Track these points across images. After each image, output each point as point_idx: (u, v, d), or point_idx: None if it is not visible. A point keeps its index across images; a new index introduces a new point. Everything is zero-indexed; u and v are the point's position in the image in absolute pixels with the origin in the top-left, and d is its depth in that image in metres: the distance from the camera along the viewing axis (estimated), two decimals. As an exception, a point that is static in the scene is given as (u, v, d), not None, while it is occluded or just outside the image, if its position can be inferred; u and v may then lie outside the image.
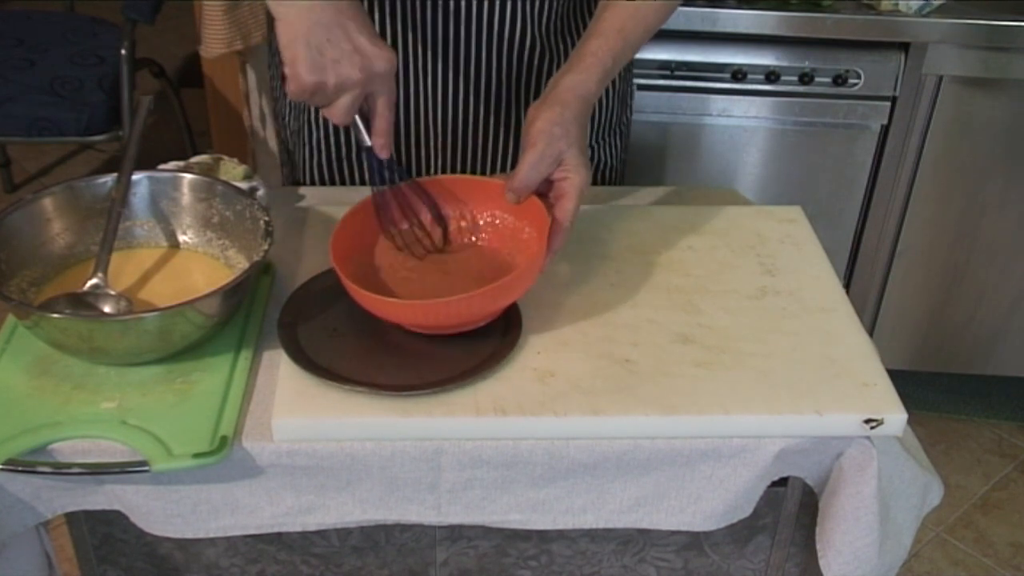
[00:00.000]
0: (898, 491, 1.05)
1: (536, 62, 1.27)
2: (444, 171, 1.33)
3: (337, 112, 1.00)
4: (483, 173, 1.33)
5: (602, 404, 0.97)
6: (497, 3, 1.21)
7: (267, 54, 1.44)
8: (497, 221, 1.11)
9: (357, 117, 1.03)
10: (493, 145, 1.32)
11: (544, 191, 1.06)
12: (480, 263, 1.10)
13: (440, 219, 1.11)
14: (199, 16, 2.24)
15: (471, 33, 1.23)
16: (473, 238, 1.12)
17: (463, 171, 1.33)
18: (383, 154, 1.05)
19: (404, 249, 1.10)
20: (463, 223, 1.12)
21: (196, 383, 1.00)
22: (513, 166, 1.06)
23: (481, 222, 1.12)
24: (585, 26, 1.28)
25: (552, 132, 1.03)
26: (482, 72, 1.26)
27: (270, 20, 1.41)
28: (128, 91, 2.32)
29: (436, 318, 1.01)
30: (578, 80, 1.07)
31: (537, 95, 1.30)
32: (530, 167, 1.03)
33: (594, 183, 1.28)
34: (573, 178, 1.04)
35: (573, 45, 1.27)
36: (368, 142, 1.04)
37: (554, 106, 1.04)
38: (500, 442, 0.96)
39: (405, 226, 1.10)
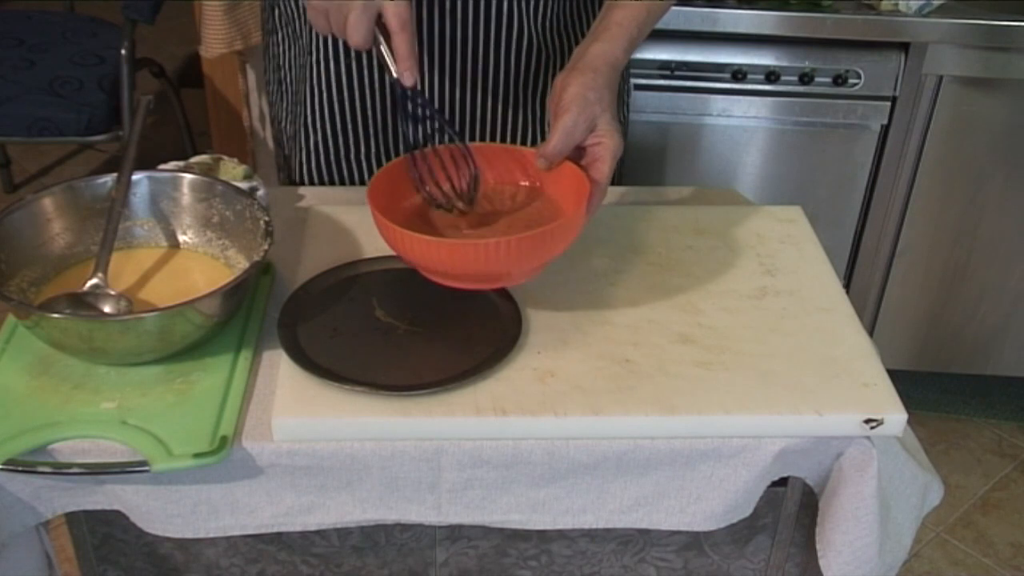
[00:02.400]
0: (898, 491, 1.05)
1: (535, 62, 1.27)
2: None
3: (350, 32, 0.98)
4: None
5: (602, 404, 0.97)
6: (494, 2, 1.21)
7: (265, 56, 1.44)
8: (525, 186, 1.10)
9: (383, 48, 1.00)
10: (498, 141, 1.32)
11: (574, 158, 1.04)
12: (521, 223, 1.08)
13: (474, 178, 1.08)
14: (199, 16, 2.24)
15: (468, 33, 1.23)
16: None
17: None
18: (406, 80, 1.00)
19: (434, 205, 1.07)
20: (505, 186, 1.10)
21: (196, 383, 1.00)
22: None
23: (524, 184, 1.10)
24: (585, 25, 1.28)
25: (586, 97, 1.01)
26: (479, 70, 1.26)
27: (265, 23, 1.41)
28: (128, 91, 2.32)
29: (476, 263, 0.98)
30: (607, 48, 1.06)
31: (536, 94, 1.30)
32: (564, 133, 1.01)
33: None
34: (607, 142, 1.03)
35: (573, 44, 1.27)
36: (395, 72, 1.00)
37: (586, 72, 1.03)
38: (500, 442, 0.96)
39: (442, 186, 1.07)
